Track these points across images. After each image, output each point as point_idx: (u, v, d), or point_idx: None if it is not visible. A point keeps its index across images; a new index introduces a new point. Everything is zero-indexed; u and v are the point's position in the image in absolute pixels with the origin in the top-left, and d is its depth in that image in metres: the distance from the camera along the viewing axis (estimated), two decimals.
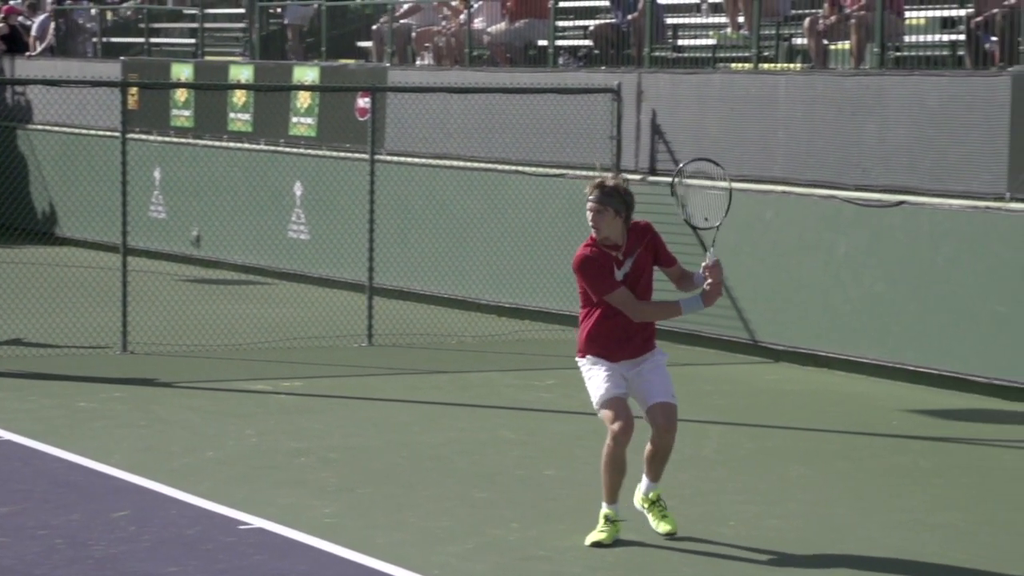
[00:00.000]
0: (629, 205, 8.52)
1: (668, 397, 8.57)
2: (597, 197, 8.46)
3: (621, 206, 8.46)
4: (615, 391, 8.56)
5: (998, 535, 9.28)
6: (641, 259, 8.57)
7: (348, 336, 16.16)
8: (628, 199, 8.51)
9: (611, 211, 8.45)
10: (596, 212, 8.46)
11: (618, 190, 8.48)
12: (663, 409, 8.53)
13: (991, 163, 13.65)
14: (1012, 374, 13.36)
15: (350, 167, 18.90)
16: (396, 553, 8.59)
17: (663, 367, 8.68)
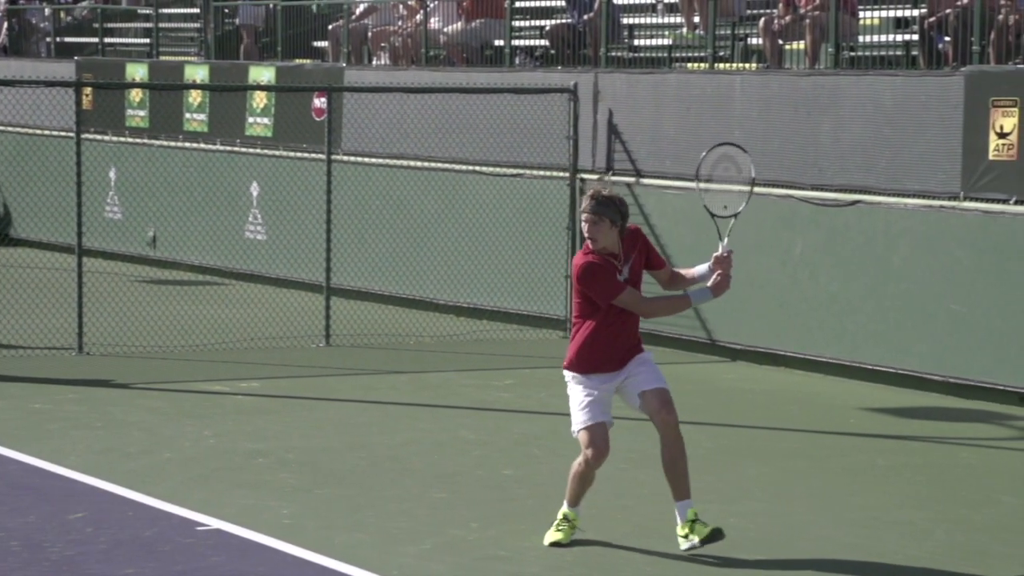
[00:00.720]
0: (624, 215, 8.51)
1: (658, 383, 8.56)
2: (593, 208, 8.44)
3: (616, 216, 8.46)
4: (595, 418, 8.55)
5: (955, 533, 9.33)
6: (636, 264, 8.57)
7: (306, 337, 16.12)
8: (623, 209, 8.51)
9: (607, 221, 8.44)
10: (592, 223, 8.45)
11: (613, 200, 8.47)
12: (655, 393, 8.52)
13: (945, 162, 13.73)
14: (968, 373, 13.44)
15: (307, 167, 18.85)
16: (355, 554, 8.57)
17: (649, 362, 8.67)
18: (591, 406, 8.58)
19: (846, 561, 8.65)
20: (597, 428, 8.56)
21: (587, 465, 8.63)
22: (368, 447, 11.42)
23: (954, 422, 12.74)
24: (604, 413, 8.62)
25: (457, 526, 9.24)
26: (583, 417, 8.58)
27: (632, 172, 16.42)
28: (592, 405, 8.58)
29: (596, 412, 8.58)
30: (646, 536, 9.11)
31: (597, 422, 8.56)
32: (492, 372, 14.65)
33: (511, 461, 11.05)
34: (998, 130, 13.33)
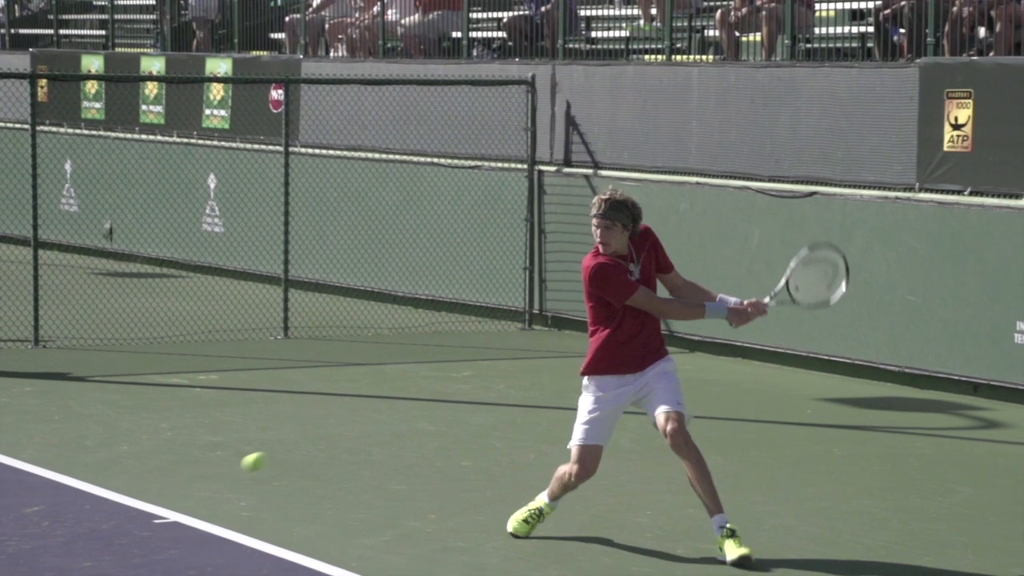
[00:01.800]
0: (636, 218, 8.39)
1: (672, 404, 8.38)
2: (605, 212, 8.35)
3: (628, 220, 8.36)
4: (590, 439, 8.48)
5: (910, 522, 9.40)
6: (646, 264, 8.45)
7: (264, 329, 16.10)
8: (635, 212, 8.39)
9: (619, 226, 8.35)
10: (605, 228, 8.35)
11: (626, 204, 8.36)
12: (667, 417, 8.35)
13: (901, 154, 13.81)
14: (923, 363, 13.53)
15: (264, 159, 18.81)
16: (313, 546, 8.57)
17: (670, 373, 8.48)
18: (592, 424, 8.48)
19: (802, 550, 8.71)
20: (590, 449, 8.49)
21: (571, 478, 8.60)
22: (327, 439, 11.41)
23: (909, 412, 12.82)
24: (602, 435, 8.50)
25: (416, 518, 9.25)
26: (580, 435, 8.52)
27: (590, 164, 16.45)
28: (593, 424, 8.48)
29: (594, 433, 8.49)
30: (604, 527, 9.15)
31: (591, 444, 8.49)
32: (451, 364, 14.66)
33: (470, 453, 11.07)
34: (953, 121, 13.42)
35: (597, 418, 8.51)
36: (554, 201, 16.76)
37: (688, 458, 8.35)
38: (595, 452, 8.53)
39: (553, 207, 16.77)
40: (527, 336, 16.39)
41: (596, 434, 8.52)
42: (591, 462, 8.54)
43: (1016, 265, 12.88)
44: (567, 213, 16.57)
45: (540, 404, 12.93)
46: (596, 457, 8.54)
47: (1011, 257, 12.93)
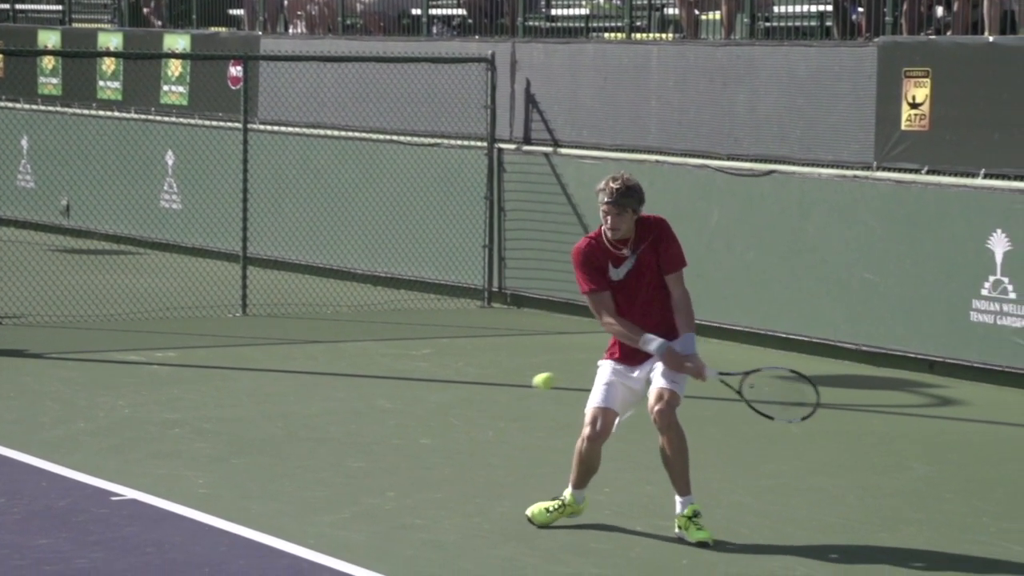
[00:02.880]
0: (642, 201, 8.35)
1: (665, 383, 8.29)
2: (616, 199, 8.27)
3: (638, 204, 8.32)
4: (603, 402, 8.40)
5: (865, 499, 9.45)
6: (645, 255, 8.34)
7: (222, 306, 16.05)
8: (642, 195, 8.34)
9: (630, 211, 8.30)
10: (616, 215, 8.27)
11: (636, 189, 8.30)
12: (656, 392, 8.29)
13: (859, 132, 13.85)
14: (880, 341, 13.59)
15: (223, 136, 18.73)
16: (271, 523, 8.56)
17: None
18: (607, 389, 8.42)
19: (758, 526, 8.75)
20: (601, 410, 8.41)
21: (584, 441, 8.48)
22: (285, 416, 11.39)
23: (866, 390, 12.89)
24: (615, 401, 8.40)
25: (374, 495, 9.25)
26: (594, 398, 8.45)
27: (549, 142, 16.44)
28: (609, 389, 8.42)
29: (609, 397, 8.41)
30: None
31: (603, 406, 8.41)
32: (409, 342, 14.65)
33: (428, 430, 11.07)
34: (910, 100, 13.47)
35: (612, 383, 8.42)
36: (514, 179, 16.75)
37: (667, 436, 8.30)
38: (607, 414, 8.40)
39: (513, 185, 16.76)
40: (486, 314, 16.39)
41: (609, 398, 8.41)
42: (601, 424, 8.39)
43: (972, 244, 12.95)
44: (527, 191, 16.57)
45: (499, 382, 12.94)
46: (607, 420, 8.39)
47: (967, 236, 13.00)
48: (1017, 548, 8.46)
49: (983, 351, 12.91)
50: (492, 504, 9.10)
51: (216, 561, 7.95)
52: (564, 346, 14.61)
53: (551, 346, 14.62)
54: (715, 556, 8.18)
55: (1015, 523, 8.99)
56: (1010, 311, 12.74)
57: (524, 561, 8.07)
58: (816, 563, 8.10)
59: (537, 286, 16.38)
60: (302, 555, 8.04)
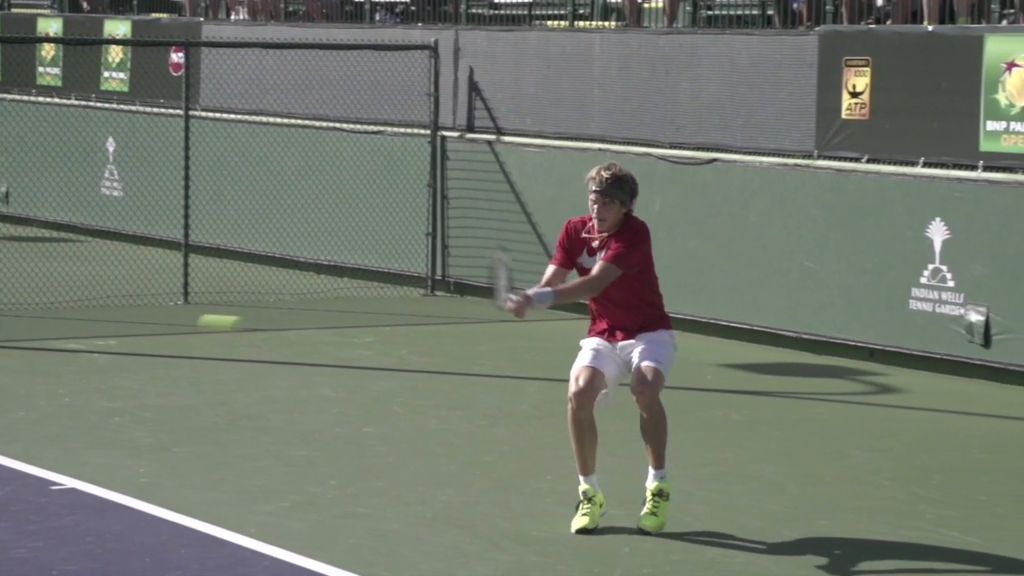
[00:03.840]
0: (634, 193, 8.24)
1: (647, 360, 8.20)
2: (604, 188, 8.16)
3: (627, 197, 8.22)
4: (587, 362, 8.28)
5: (807, 486, 9.51)
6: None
7: (163, 294, 15.97)
8: (635, 188, 8.24)
9: (617, 203, 8.20)
10: (603, 204, 8.17)
11: (627, 180, 8.19)
12: (638, 370, 8.20)
13: (800, 121, 13.92)
14: (821, 329, 13.68)
15: (164, 123, 18.62)
16: (212, 512, 8.53)
17: (656, 341, 8.28)
18: (594, 353, 8.28)
19: (701, 515, 8.79)
20: (586, 369, 8.26)
21: (570, 403, 8.29)
22: (226, 405, 11.35)
23: (807, 377, 12.97)
24: (599, 363, 8.25)
25: (316, 484, 9.23)
26: (579, 361, 8.32)
27: (493, 130, 16.44)
28: (596, 353, 8.27)
29: (592, 359, 8.27)
30: (504, 492, 9.18)
31: (586, 365, 8.27)
32: (352, 330, 14.63)
33: (371, 419, 11.06)
34: (851, 89, 13.54)
35: (599, 350, 8.31)
36: (457, 167, 16.74)
37: (647, 414, 8.22)
38: (587, 372, 8.25)
39: (456, 173, 16.75)
40: (429, 302, 16.38)
41: (593, 360, 8.28)
42: (583, 379, 8.22)
43: (912, 232, 13.04)
44: (470, 179, 16.56)
45: (442, 370, 12.94)
46: (588, 376, 8.22)
47: (907, 224, 13.09)
48: (954, 534, 8.54)
49: (922, 339, 13.01)
50: (434, 493, 9.10)
51: (157, 550, 7.92)
52: (507, 334, 14.63)
53: (494, 334, 14.63)
54: (656, 544, 8.21)
55: (952, 510, 9.07)
56: (948, 299, 12.84)
57: (466, 549, 8.08)
58: (757, 550, 8.14)
59: (480, 274, 16.37)
60: (243, 544, 8.02)
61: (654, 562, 7.95)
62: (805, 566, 7.95)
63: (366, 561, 7.84)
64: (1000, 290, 12.56)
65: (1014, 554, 8.23)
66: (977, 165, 12.77)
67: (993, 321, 12.57)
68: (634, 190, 8.29)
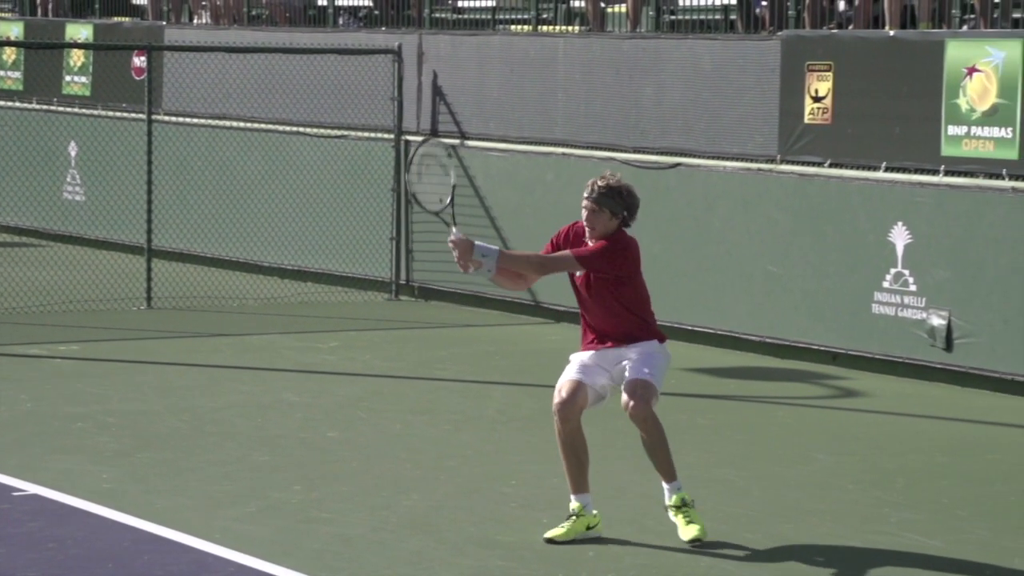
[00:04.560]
0: (629, 207, 8.21)
1: (637, 374, 8.18)
2: (594, 196, 8.18)
3: (619, 208, 8.20)
4: (572, 375, 8.27)
5: (770, 490, 9.54)
6: None
7: (127, 299, 15.91)
8: (630, 202, 8.21)
9: (607, 212, 8.19)
10: (591, 212, 8.18)
11: (620, 192, 8.19)
12: (628, 384, 8.17)
13: (763, 126, 13.97)
14: (784, 333, 13.72)
15: (127, 127, 18.56)
16: (177, 518, 8.51)
17: (646, 354, 8.27)
18: (581, 366, 8.28)
19: (665, 520, 8.80)
20: (566, 382, 8.26)
21: (555, 418, 8.26)
22: (190, 410, 11.32)
23: (771, 381, 13.01)
24: (584, 375, 8.25)
25: (280, 489, 9.22)
26: (565, 374, 8.31)
27: (456, 134, 16.45)
28: (583, 366, 8.27)
29: (577, 370, 8.27)
30: (469, 497, 9.18)
31: (573, 378, 8.26)
32: (316, 335, 14.60)
33: (335, 424, 11.05)
34: (813, 94, 13.60)
35: (583, 361, 8.31)
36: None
37: (643, 429, 8.21)
38: (573, 384, 8.23)
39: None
40: (393, 307, 16.37)
41: (579, 372, 8.28)
42: (567, 391, 8.21)
43: (874, 236, 13.10)
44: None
45: (406, 375, 12.93)
46: (573, 388, 8.21)
47: (869, 228, 13.15)
48: (917, 538, 8.59)
49: (884, 343, 13.07)
50: (399, 498, 9.10)
51: (120, 556, 7.89)
52: (472, 339, 14.63)
53: (459, 339, 14.63)
54: (621, 548, 8.23)
55: (915, 513, 9.12)
56: (910, 303, 12.91)
57: (431, 554, 8.08)
58: (721, 554, 8.17)
59: (444, 279, 16.38)
60: (207, 549, 8.00)
61: (619, 567, 7.96)
62: (769, 570, 7.98)
63: (330, 566, 7.83)
64: (961, 294, 12.63)
65: (976, 558, 8.28)
66: (939, 170, 12.84)
67: (955, 325, 12.64)
68: (629, 203, 8.24)
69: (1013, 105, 12.35)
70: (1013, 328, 12.35)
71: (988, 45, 12.53)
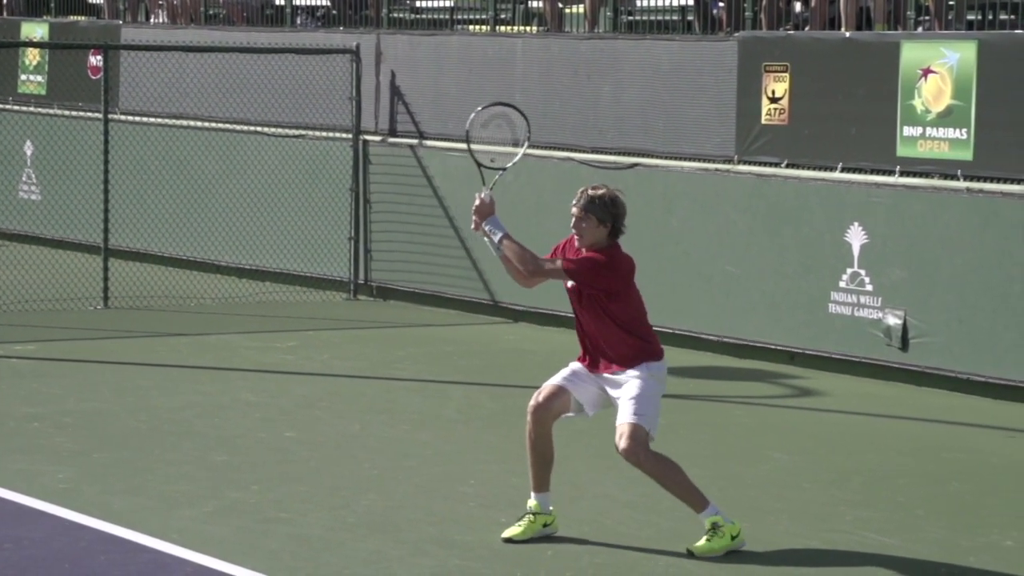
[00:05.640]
0: (616, 215, 8.27)
1: (626, 417, 8.15)
2: (582, 203, 8.25)
3: (606, 217, 8.24)
4: (556, 379, 8.29)
5: (728, 489, 9.57)
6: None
7: (83, 299, 15.84)
8: (616, 211, 8.26)
9: (594, 220, 8.24)
10: (578, 219, 8.25)
11: (604, 200, 8.24)
12: (618, 427, 8.17)
13: (720, 126, 14.02)
14: (742, 333, 13.77)
15: (83, 126, 18.47)
16: (134, 518, 8.48)
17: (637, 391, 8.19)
18: (566, 372, 8.32)
19: (624, 519, 8.83)
20: (548, 385, 8.30)
21: (528, 420, 8.29)
22: (148, 410, 11.28)
23: (729, 381, 13.06)
24: (565, 380, 8.29)
25: (238, 489, 9.20)
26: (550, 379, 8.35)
27: (415, 134, 16.44)
28: (569, 374, 8.31)
29: (561, 376, 8.31)
30: (428, 496, 9.19)
31: (552, 382, 8.30)
32: (275, 334, 14.58)
33: (293, 423, 11.03)
34: (770, 95, 13.66)
35: (575, 370, 8.33)
36: (379, 171, 16.72)
37: (647, 472, 8.21)
38: (553, 388, 8.28)
39: (378, 177, 16.73)
40: (352, 306, 16.35)
41: (566, 379, 8.31)
42: (544, 394, 8.26)
43: (831, 236, 13.17)
44: (392, 183, 16.54)
45: (365, 375, 12.92)
46: (551, 392, 8.26)
47: (826, 229, 13.21)
48: (873, 536, 8.64)
49: (841, 342, 13.13)
50: (357, 497, 9.09)
51: (77, 556, 7.86)
52: (430, 339, 14.63)
53: (417, 339, 14.63)
54: (579, 548, 8.25)
55: (871, 511, 9.17)
56: (867, 303, 12.98)
57: (389, 554, 8.08)
58: (679, 554, 8.19)
59: (403, 278, 16.37)
60: (165, 549, 7.98)
61: (578, 565, 7.98)
62: (727, 569, 8.01)
63: (288, 566, 7.82)
64: (917, 294, 12.71)
65: (932, 556, 8.33)
66: (894, 170, 12.91)
67: (910, 324, 12.71)
68: (615, 212, 8.28)
69: (967, 106, 12.44)
70: (968, 328, 12.44)
71: (943, 47, 12.61)
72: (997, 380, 12.29)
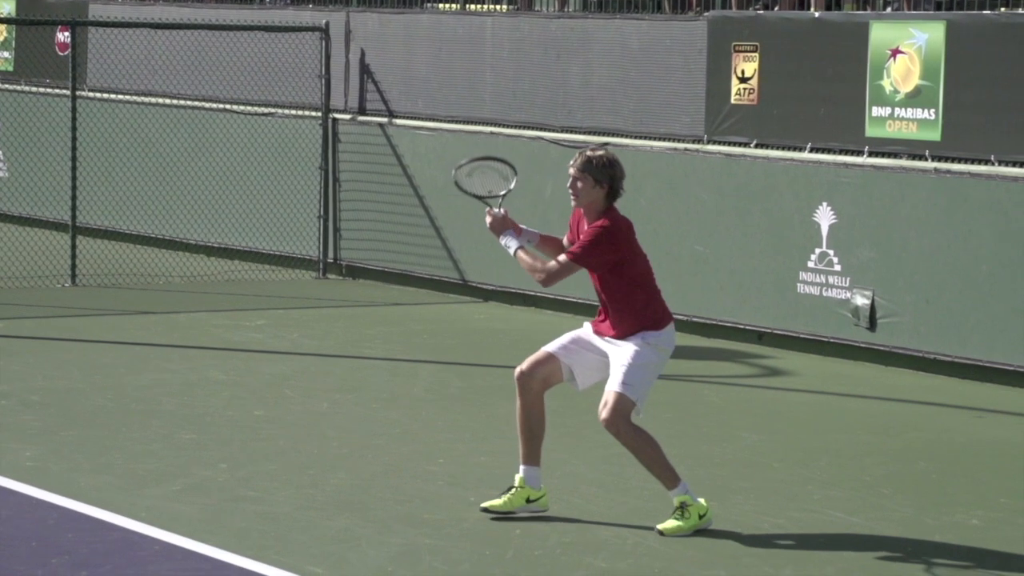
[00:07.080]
0: (613, 177, 8.27)
1: (614, 385, 8.20)
2: (578, 163, 8.26)
3: (603, 177, 8.24)
4: (550, 346, 8.33)
5: (696, 468, 9.60)
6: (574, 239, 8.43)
7: (50, 276, 15.78)
8: (613, 172, 8.26)
9: (591, 180, 8.25)
10: (574, 179, 8.26)
11: (602, 160, 8.24)
12: (605, 393, 8.22)
13: (690, 106, 14.03)
14: (710, 312, 13.80)
15: (50, 103, 18.38)
16: (101, 496, 8.46)
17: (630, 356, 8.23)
18: (560, 339, 8.36)
19: (593, 497, 8.86)
20: (537, 353, 8.34)
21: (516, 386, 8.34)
22: (115, 388, 11.26)
23: (698, 360, 13.08)
24: (565, 350, 8.32)
25: (206, 467, 9.19)
26: None
27: (384, 112, 16.41)
28: (561, 338, 8.36)
29: (556, 344, 8.35)
30: (396, 475, 9.19)
31: (542, 350, 8.34)
32: (244, 312, 14.55)
33: (262, 402, 11.02)
34: (739, 75, 13.67)
35: (574, 337, 8.39)
36: (348, 149, 16.69)
37: (624, 444, 8.23)
38: (543, 355, 8.32)
39: (348, 155, 16.70)
40: (321, 285, 16.33)
41: (560, 347, 8.35)
42: (531, 362, 8.30)
43: (799, 217, 13.20)
44: (362, 162, 16.51)
45: (334, 353, 12.91)
46: (539, 359, 8.29)
47: (795, 209, 13.25)
48: (840, 515, 8.68)
49: (809, 322, 13.18)
50: (326, 476, 9.09)
51: (44, 535, 7.85)
52: (400, 317, 14.62)
53: (387, 317, 14.62)
54: (547, 527, 8.27)
55: (838, 490, 9.21)
56: (835, 283, 13.02)
57: (358, 532, 8.08)
58: (647, 533, 8.22)
59: (372, 257, 16.35)
60: (132, 528, 7.97)
61: (546, 544, 8.00)
62: (694, 546, 8.05)
63: (257, 544, 7.81)
64: (885, 274, 12.75)
65: (896, 533, 8.38)
66: (863, 150, 12.95)
67: (878, 304, 12.76)
68: (612, 173, 8.30)
69: (936, 87, 12.48)
70: (935, 308, 12.49)
71: (912, 27, 12.64)
72: (964, 360, 12.35)
